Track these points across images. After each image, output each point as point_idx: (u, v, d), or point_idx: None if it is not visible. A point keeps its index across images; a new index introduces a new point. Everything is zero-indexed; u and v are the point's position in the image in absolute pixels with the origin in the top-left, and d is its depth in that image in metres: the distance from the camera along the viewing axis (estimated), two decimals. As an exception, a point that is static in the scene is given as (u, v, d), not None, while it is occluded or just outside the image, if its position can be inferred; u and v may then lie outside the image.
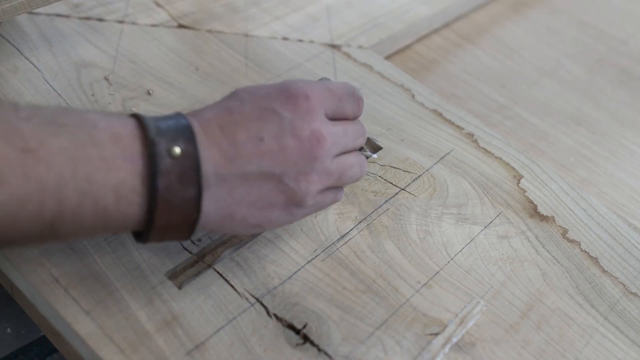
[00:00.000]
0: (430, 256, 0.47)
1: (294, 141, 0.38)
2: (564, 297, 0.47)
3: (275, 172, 0.38)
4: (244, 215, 0.38)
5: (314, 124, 0.39)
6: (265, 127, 0.38)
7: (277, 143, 0.38)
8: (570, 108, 0.70)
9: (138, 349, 0.39)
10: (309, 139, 0.39)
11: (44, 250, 0.43)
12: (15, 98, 0.53)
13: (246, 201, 0.38)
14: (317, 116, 0.40)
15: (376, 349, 0.41)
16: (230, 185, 0.37)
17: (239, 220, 0.39)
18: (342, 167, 0.42)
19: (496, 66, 0.74)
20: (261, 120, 0.38)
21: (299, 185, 0.39)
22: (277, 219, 0.40)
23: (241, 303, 0.42)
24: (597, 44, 0.80)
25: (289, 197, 0.39)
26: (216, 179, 0.37)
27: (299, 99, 0.39)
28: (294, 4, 0.70)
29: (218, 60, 0.61)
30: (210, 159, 0.37)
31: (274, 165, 0.38)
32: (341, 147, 0.41)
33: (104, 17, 0.63)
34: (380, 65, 0.64)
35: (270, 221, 0.40)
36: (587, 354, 0.44)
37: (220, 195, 0.37)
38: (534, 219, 0.51)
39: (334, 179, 0.41)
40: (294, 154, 0.38)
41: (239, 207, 0.38)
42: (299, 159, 0.39)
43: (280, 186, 0.39)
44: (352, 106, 0.43)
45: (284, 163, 0.38)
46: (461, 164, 0.54)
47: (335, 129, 0.41)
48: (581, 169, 0.63)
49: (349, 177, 0.43)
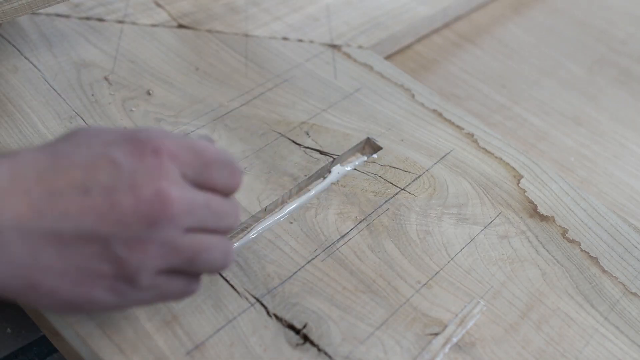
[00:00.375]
0: (430, 256, 0.47)
1: (129, 198, 0.31)
2: (564, 297, 0.47)
3: (100, 234, 0.30)
4: (53, 288, 0.31)
5: (161, 182, 0.31)
6: (95, 177, 0.31)
7: (107, 198, 0.30)
8: (570, 108, 0.70)
9: (138, 349, 0.39)
10: (150, 198, 0.31)
11: (44, 250, 0.43)
12: (15, 98, 0.53)
13: (56, 269, 0.30)
14: (167, 174, 0.32)
15: (376, 349, 0.41)
16: (35, 245, 0.29)
17: (46, 294, 0.31)
18: (196, 247, 0.33)
19: (496, 66, 0.74)
20: (92, 169, 0.31)
21: (131, 254, 0.31)
22: (101, 299, 0.32)
23: (241, 303, 0.42)
24: (597, 44, 0.80)
25: (117, 269, 0.31)
26: (16, 235, 0.29)
27: (145, 151, 0.32)
28: (294, 4, 0.70)
29: (218, 60, 0.61)
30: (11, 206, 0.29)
31: (100, 225, 0.30)
32: (198, 221, 0.33)
33: (104, 17, 0.63)
34: (380, 65, 0.64)
35: (92, 301, 0.32)
36: (587, 354, 0.44)
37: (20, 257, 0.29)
38: (534, 219, 0.51)
39: (182, 258, 0.33)
40: (128, 214, 0.31)
41: (44, 275, 0.30)
42: (133, 221, 0.31)
43: (106, 254, 0.31)
44: (223, 177, 0.35)
45: (114, 224, 0.30)
46: (461, 164, 0.54)
47: (192, 196, 0.33)
48: (581, 169, 0.63)
49: (204, 262, 0.34)
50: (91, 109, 0.53)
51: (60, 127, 0.52)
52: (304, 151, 0.53)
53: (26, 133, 0.51)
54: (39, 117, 0.52)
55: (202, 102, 0.56)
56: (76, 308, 0.33)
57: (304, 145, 0.53)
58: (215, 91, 0.57)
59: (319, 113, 0.57)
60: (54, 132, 0.51)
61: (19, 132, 0.51)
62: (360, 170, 0.52)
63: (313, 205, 0.49)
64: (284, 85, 0.59)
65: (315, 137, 0.54)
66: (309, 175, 0.51)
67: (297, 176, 0.51)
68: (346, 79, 0.61)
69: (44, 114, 0.52)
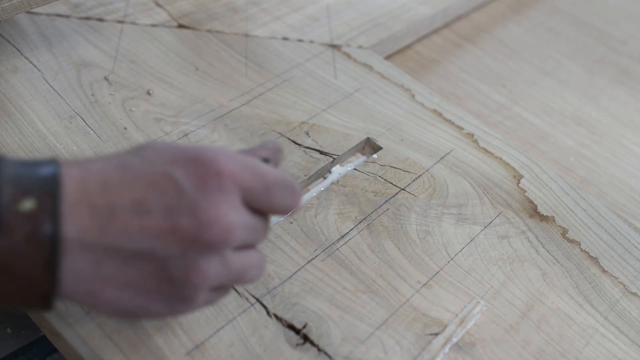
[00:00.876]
0: (430, 256, 0.47)
1: (189, 222, 0.31)
2: (564, 297, 0.47)
3: (158, 255, 0.31)
4: (111, 297, 0.32)
5: (221, 207, 0.32)
6: (156, 198, 0.31)
7: (166, 220, 0.31)
8: (570, 108, 0.70)
9: (138, 349, 0.39)
10: (210, 223, 0.31)
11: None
12: (15, 98, 0.53)
13: (116, 281, 0.31)
14: (227, 198, 0.32)
15: (376, 349, 0.41)
16: (98, 257, 0.30)
17: (105, 302, 0.32)
18: (243, 266, 0.34)
19: (496, 66, 0.74)
20: (154, 188, 0.31)
21: (189, 278, 0.32)
22: (156, 311, 0.33)
23: (241, 303, 0.42)
24: (597, 44, 0.80)
25: (174, 290, 0.32)
26: (80, 246, 0.30)
27: (209, 172, 0.32)
28: (294, 4, 0.70)
29: (218, 60, 0.61)
30: (76, 220, 0.30)
31: (158, 246, 0.31)
32: (243, 241, 0.34)
33: (104, 17, 0.63)
34: (380, 65, 0.64)
35: (148, 312, 0.33)
36: (587, 354, 0.44)
37: (83, 266, 0.30)
38: (534, 219, 0.51)
39: (231, 277, 0.34)
40: (187, 237, 0.31)
41: (104, 286, 0.31)
42: (192, 245, 0.31)
43: (163, 274, 0.31)
44: (282, 199, 0.35)
45: (171, 246, 0.31)
46: (461, 164, 0.54)
47: (245, 219, 0.33)
48: (581, 169, 0.63)
49: (247, 279, 0.36)
50: (91, 109, 0.53)
51: (60, 127, 0.52)
52: (304, 151, 0.53)
53: (26, 133, 0.51)
54: (39, 117, 0.52)
55: (202, 102, 0.56)
56: (132, 316, 0.34)
57: (304, 145, 0.53)
58: (215, 91, 0.57)
59: (319, 113, 0.57)
60: (54, 132, 0.51)
61: (19, 132, 0.51)
62: (360, 170, 0.52)
63: (313, 205, 0.49)
64: (284, 85, 0.59)
65: (315, 137, 0.54)
66: (309, 175, 0.51)
67: (297, 176, 0.51)
68: (346, 79, 0.61)
69: (44, 114, 0.52)
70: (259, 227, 0.35)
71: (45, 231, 0.29)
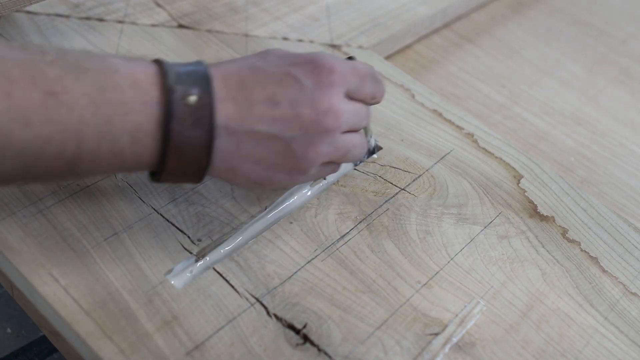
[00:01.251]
0: (430, 256, 0.47)
1: (309, 111, 0.39)
2: (564, 297, 0.47)
3: (285, 137, 0.39)
4: (247, 170, 0.40)
5: (333, 98, 0.40)
6: (283, 92, 0.39)
7: (292, 109, 0.39)
8: (570, 108, 0.70)
9: (138, 349, 0.39)
10: (325, 111, 0.40)
11: (44, 250, 0.43)
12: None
13: (252, 158, 0.39)
14: (337, 91, 0.41)
15: (376, 349, 0.41)
16: (239, 139, 0.39)
17: (241, 175, 0.40)
18: (348, 145, 0.43)
19: (496, 66, 0.74)
20: (281, 85, 0.39)
21: (307, 154, 0.40)
22: (278, 181, 0.41)
23: (241, 303, 0.42)
24: (597, 44, 0.80)
25: (295, 163, 0.40)
26: (226, 131, 0.38)
27: (323, 71, 0.40)
28: (294, 4, 0.70)
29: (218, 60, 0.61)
30: (224, 111, 0.38)
31: (285, 130, 0.39)
32: (350, 125, 0.42)
33: (104, 17, 0.63)
34: (380, 65, 0.64)
35: (272, 181, 0.41)
36: (587, 354, 0.44)
37: (228, 147, 0.38)
38: (534, 219, 0.51)
39: (339, 155, 0.42)
40: (307, 123, 0.39)
41: (243, 161, 0.39)
42: (311, 128, 0.40)
43: (288, 152, 0.40)
44: (372, 88, 0.44)
45: (295, 130, 0.39)
46: (461, 164, 0.54)
47: (350, 107, 0.42)
48: (581, 169, 0.63)
49: (352, 156, 0.44)
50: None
51: (60, 127, 0.52)
52: (304, 151, 0.53)
53: (26, 133, 0.51)
54: (39, 117, 0.52)
55: (202, 102, 0.56)
56: (260, 186, 0.42)
57: (304, 145, 0.53)
58: (215, 91, 0.57)
59: (319, 113, 0.56)
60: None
61: (19, 132, 0.51)
62: (360, 170, 0.52)
63: (313, 205, 0.49)
64: (284, 85, 0.59)
65: (315, 137, 0.54)
66: (309, 175, 0.51)
67: (297, 176, 0.51)
68: (346, 79, 0.61)
69: (44, 114, 0.52)
70: (361, 113, 0.43)
71: (205, 119, 0.37)
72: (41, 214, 0.45)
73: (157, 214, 0.46)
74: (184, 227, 0.46)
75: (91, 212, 0.45)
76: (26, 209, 0.45)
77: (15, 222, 0.44)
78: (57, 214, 0.45)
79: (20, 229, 0.44)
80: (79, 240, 0.44)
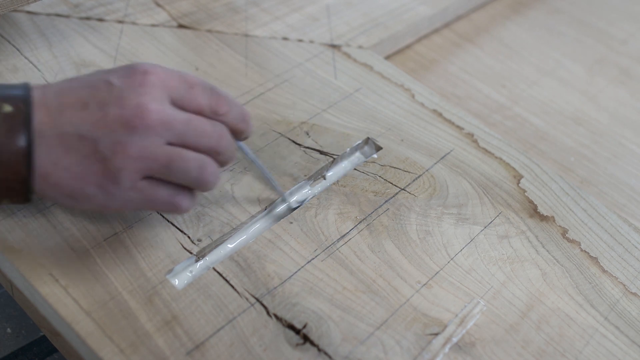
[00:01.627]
0: (430, 256, 0.47)
1: (116, 109, 0.38)
2: (564, 297, 0.47)
3: (91, 137, 0.38)
4: (58, 179, 0.38)
5: (143, 97, 0.38)
6: (94, 95, 0.39)
7: (100, 109, 0.38)
8: (570, 108, 0.70)
9: (138, 349, 0.39)
10: (132, 108, 0.38)
11: (44, 250, 0.43)
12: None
13: (61, 164, 0.38)
14: (151, 91, 0.39)
15: (376, 349, 0.41)
16: (49, 145, 0.38)
17: (53, 185, 0.38)
18: (171, 155, 0.39)
19: (496, 66, 0.74)
20: (93, 89, 0.39)
21: (115, 155, 0.38)
22: (93, 195, 0.39)
23: (241, 303, 0.42)
24: (597, 44, 0.80)
25: (104, 167, 0.38)
26: (38, 136, 0.38)
27: (136, 73, 0.39)
28: (294, 4, 0.70)
29: (218, 60, 0.61)
30: (37, 117, 0.38)
31: (92, 130, 0.38)
32: (177, 135, 0.39)
33: (104, 17, 0.63)
34: (380, 65, 0.64)
35: (85, 195, 0.39)
36: (587, 354, 0.44)
37: (40, 154, 0.38)
38: (534, 219, 0.51)
39: (159, 165, 0.39)
40: (113, 121, 0.38)
41: (54, 169, 0.38)
42: (117, 127, 0.38)
43: (96, 154, 0.38)
44: (206, 99, 0.41)
45: (102, 128, 0.38)
46: (461, 164, 0.54)
47: (172, 113, 0.39)
48: (581, 169, 0.63)
49: (178, 170, 0.39)
50: None
51: (60, 127, 0.52)
52: (304, 151, 0.53)
53: (26, 133, 0.51)
54: (39, 117, 0.52)
55: (202, 102, 0.56)
56: (74, 200, 0.39)
57: (304, 145, 0.53)
58: (215, 91, 0.57)
59: (319, 113, 0.57)
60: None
61: (19, 132, 0.51)
62: (360, 170, 0.52)
63: (313, 205, 0.49)
64: (284, 85, 0.59)
65: (316, 137, 0.54)
66: (309, 175, 0.51)
67: (297, 176, 0.51)
68: (346, 79, 0.61)
69: (44, 114, 0.52)
70: (195, 126, 0.40)
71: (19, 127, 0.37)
72: (41, 214, 0.45)
73: (157, 214, 0.46)
74: (184, 227, 0.46)
75: (91, 212, 0.45)
76: (26, 209, 0.45)
77: (15, 222, 0.44)
78: (57, 214, 0.45)
79: (20, 229, 0.44)
80: (79, 240, 0.44)
